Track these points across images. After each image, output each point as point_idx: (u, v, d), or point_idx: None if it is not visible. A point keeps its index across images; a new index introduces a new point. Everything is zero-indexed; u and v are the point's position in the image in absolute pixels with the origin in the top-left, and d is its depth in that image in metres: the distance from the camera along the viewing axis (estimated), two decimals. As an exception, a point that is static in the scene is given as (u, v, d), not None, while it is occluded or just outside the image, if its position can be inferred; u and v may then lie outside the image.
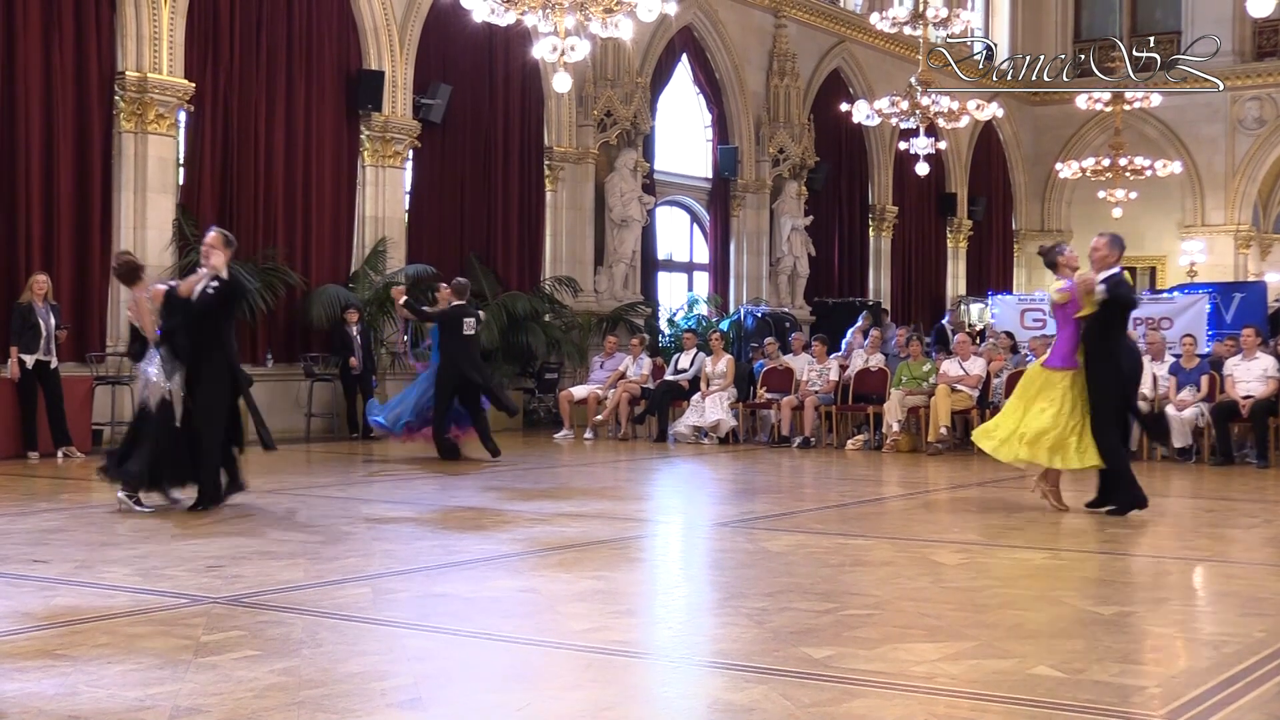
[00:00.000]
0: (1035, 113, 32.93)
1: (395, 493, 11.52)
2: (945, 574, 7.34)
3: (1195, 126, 31.13)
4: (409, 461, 13.83)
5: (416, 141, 18.46)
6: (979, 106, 22.19)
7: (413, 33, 18.36)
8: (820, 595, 6.56)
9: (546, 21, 13.44)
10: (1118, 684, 4.88)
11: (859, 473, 14.10)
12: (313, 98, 17.28)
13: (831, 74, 26.59)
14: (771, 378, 17.63)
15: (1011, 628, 5.83)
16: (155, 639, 5.41)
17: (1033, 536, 9.05)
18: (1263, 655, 5.32)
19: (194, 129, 16.10)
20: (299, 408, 16.84)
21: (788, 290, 24.77)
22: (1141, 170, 26.43)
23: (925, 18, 20.81)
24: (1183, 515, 11.18)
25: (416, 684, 4.79)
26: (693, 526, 9.91)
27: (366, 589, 6.63)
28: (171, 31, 15.47)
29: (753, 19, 24.56)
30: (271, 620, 5.81)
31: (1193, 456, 14.81)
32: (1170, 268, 31.92)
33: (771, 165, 24.57)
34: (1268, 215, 33.36)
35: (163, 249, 15.56)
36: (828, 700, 4.60)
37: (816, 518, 10.07)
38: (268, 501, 10.26)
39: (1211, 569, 7.83)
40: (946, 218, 30.44)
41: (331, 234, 17.68)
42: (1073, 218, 33.08)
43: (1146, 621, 6.14)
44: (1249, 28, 29.74)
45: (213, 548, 7.81)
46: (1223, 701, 4.64)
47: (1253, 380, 14.57)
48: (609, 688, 4.80)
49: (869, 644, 5.45)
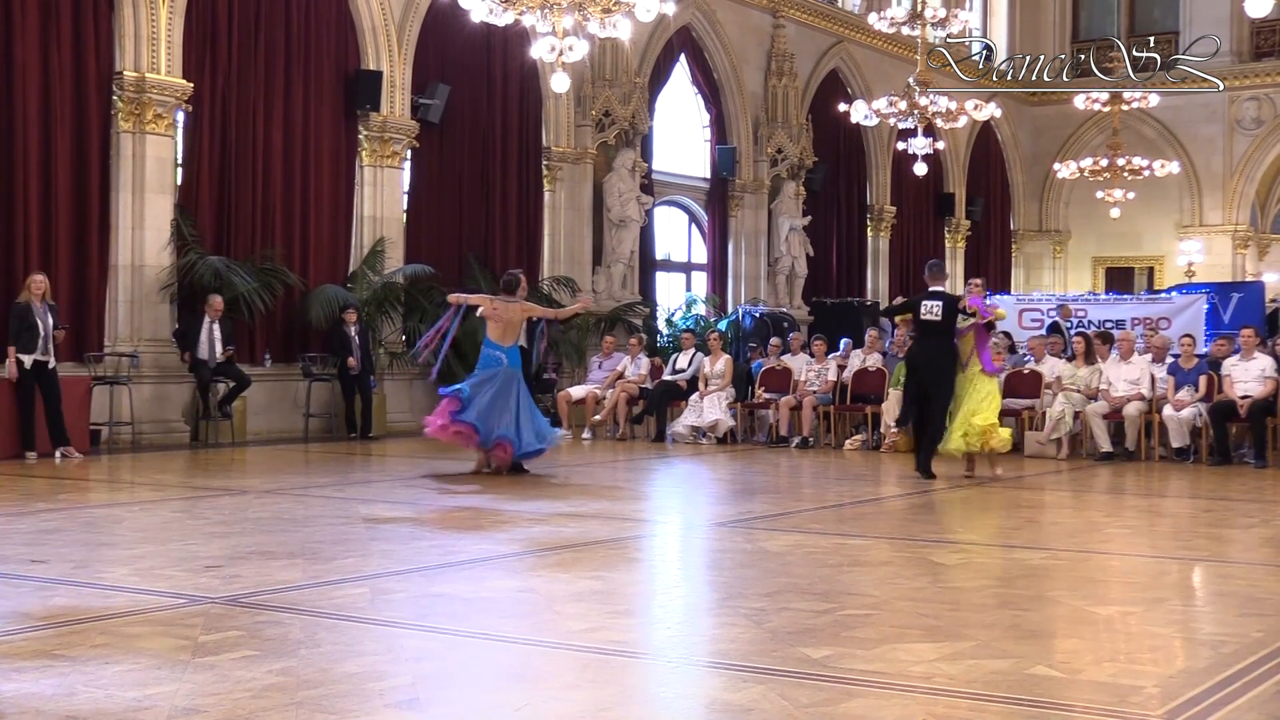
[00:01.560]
0: (1033, 113, 32.94)
1: (394, 493, 11.52)
2: (943, 574, 7.34)
3: (1193, 127, 31.15)
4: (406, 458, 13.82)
5: (415, 141, 18.46)
6: (977, 107, 22.20)
7: (411, 33, 18.36)
8: (818, 595, 6.56)
9: (545, 21, 13.43)
10: (1116, 684, 4.88)
11: (857, 473, 14.10)
12: (311, 98, 17.28)
13: (830, 74, 26.60)
14: (769, 378, 17.63)
15: (1009, 628, 5.83)
16: (153, 639, 5.41)
17: (1031, 536, 9.06)
18: (1260, 655, 5.33)
19: (192, 129, 16.09)
20: (297, 408, 16.84)
21: (786, 290, 24.77)
22: (1139, 170, 26.43)
23: (923, 18, 20.81)
24: (1180, 515, 11.19)
25: (415, 684, 4.79)
26: (691, 526, 9.91)
27: (365, 589, 6.63)
28: (169, 31, 15.46)
29: (751, 19, 24.57)
30: (270, 620, 5.81)
31: (1191, 456, 14.82)
32: (1168, 268, 31.94)
33: (770, 165, 24.57)
34: (1265, 215, 33.37)
35: (161, 249, 15.56)
36: (826, 700, 4.60)
37: (814, 518, 10.07)
38: (266, 501, 10.27)
39: (1209, 569, 7.83)
40: (944, 218, 30.44)
41: (330, 234, 17.68)
42: (1071, 218, 33.09)
43: (1144, 621, 6.14)
44: (1247, 28, 29.76)
45: (211, 548, 7.81)
46: (1220, 701, 4.64)
47: (1250, 380, 14.57)
48: (607, 688, 4.80)
49: (867, 644, 5.45)
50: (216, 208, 16.26)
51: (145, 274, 15.45)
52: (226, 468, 13.35)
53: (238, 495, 10.68)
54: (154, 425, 15.28)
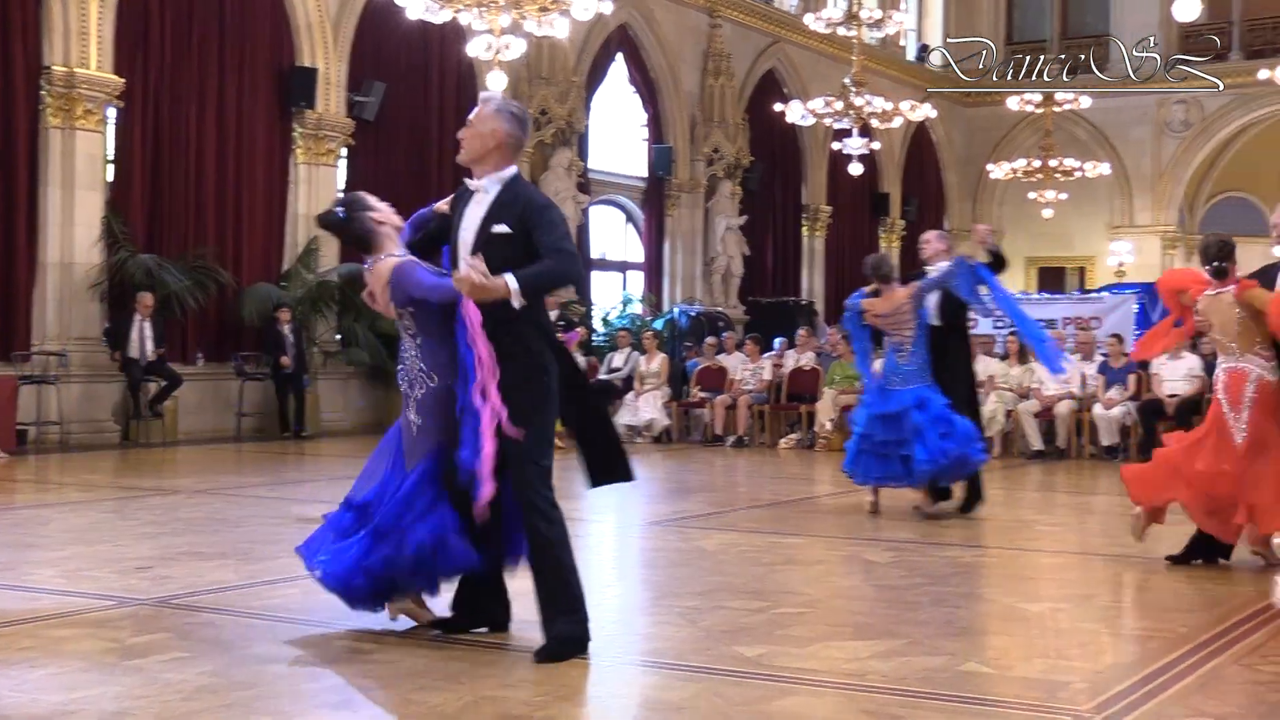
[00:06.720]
0: (967, 114, 33.23)
1: (326, 492, 11.42)
2: (876, 572, 7.39)
3: (1124, 129, 31.55)
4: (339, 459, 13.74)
5: (350, 139, 18.34)
6: (912, 107, 22.38)
7: (346, 29, 18.23)
8: (752, 594, 6.59)
9: (481, 20, 13.40)
10: (1046, 679, 4.94)
11: (792, 471, 14.17)
12: (245, 94, 17.12)
13: (766, 74, 26.69)
14: (705, 377, 17.68)
15: (942, 625, 5.88)
16: (81, 642, 5.35)
17: (963, 535, 9.14)
18: (1185, 649, 5.41)
19: (123, 125, 15.88)
20: (230, 407, 16.68)
21: (721, 289, 24.81)
22: (1071, 171, 26.78)
23: (859, 18, 20.94)
24: (1110, 513, 11.31)
25: (348, 684, 4.76)
26: (626, 525, 9.91)
27: (298, 589, 6.58)
28: (100, 26, 15.25)
29: (688, 19, 24.60)
30: (201, 622, 5.76)
31: (1120, 454, 15.02)
32: (1099, 268, 32.32)
33: (706, 165, 24.62)
34: (1193, 216, 33.87)
35: (91, 246, 15.35)
36: (759, 698, 4.62)
37: (749, 516, 10.11)
38: (198, 501, 10.17)
39: (1137, 565, 7.93)
40: (879, 218, 30.63)
41: (263, 232, 17.52)
42: (1004, 218, 33.39)
43: (1074, 618, 6.22)
44: (1175, 32, 30.15)
45: (141, 549, 7.72)
46: (1147, 695, 4.71)
47: (1178, 379, 14.79)
48: (541, 686, 4.79)
49: (801, 642, 5.48)
50: (148, 205, 16.07)
51: (74, 272, 15.24)
52: (158, 468, 13.21)
53: (169, 495, 10.57)
54: (83, 425, 15.08)
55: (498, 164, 5.37)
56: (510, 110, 5.42)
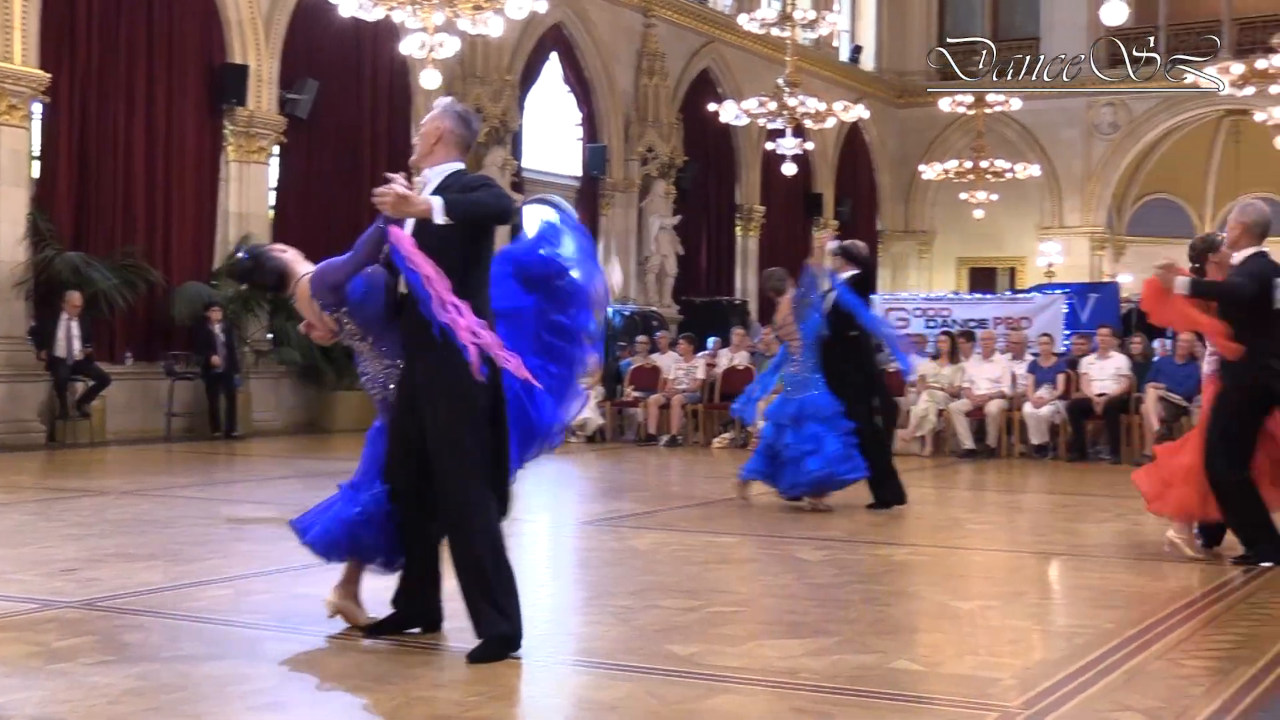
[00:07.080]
0: (900, 115, 33.47)
1: (258, 492, 11.34)
2: (808, 570, 7.43)
3: (1054, 130, 31.90)
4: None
5: (282, 137, 18.17)
6: (845, 108, 22.52)
7: (278, 26, 18.06)
8: (685, 593, 6.60)
9: (415, 18, 13.34)
10: (976, 676, 4.98)
11: (725, 471, 14.17)
12: (174, 91, 16.91)
13: (700, 74, 26.74)
14: (639, 376, 17.69)
15: (873, 623, 5.92)
16: (5, 646, 5.26)
17: (893, 533, 9.21)
18: (1112, 645, 5.48)
19: (49, 121, 15.64)
20: (160, 407, 16.46)
21: (655, 289, 24.84)
22: (1002, 173, 27.07)
23: (792, 19, 21.05)
24: (1039, 511, 11.46)
25: (277, 687, 4.73)
26: (559, 525, 9.90)
27: (228, 591, 6.52)
28: (25, 19, 14.99)
29: (622, 18, 24.61)
30: (128, 624, 5.68)
31: (1049, 453, 15.19)
32: (1029, 268, 32.67)
33: (640, 164, 24.62)
34: (1121, 217, 34.34)
35: (15, 244, 15.09)
36: (693, 697, 4.63)
37: (682, 516, 10.12)
38: (126, 502, 10.04)
39: (1065, 562, 8.03)
40: (813, 218, 30.76)
41: (194, 230, 17.32)
42: (936, 219, 33.70)
43: (1004, 615, 6.28)
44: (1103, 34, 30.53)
45: (67, 550, 7.61)
46: (1075, 690, 4.77)
47: (1106, 379, 14.99)
48: (474, 687, 4.77)
49: (734, 641, 5.50)
50: (75, 202, 15.84)
51: (-1, 270, 15.02)
52: (85, 468, 13.03)
53: (96, 496, 10.43)
54: (8, 425, 14.82)
55: (441, 159, 5.40)
56: (455, 110, 5.50)
